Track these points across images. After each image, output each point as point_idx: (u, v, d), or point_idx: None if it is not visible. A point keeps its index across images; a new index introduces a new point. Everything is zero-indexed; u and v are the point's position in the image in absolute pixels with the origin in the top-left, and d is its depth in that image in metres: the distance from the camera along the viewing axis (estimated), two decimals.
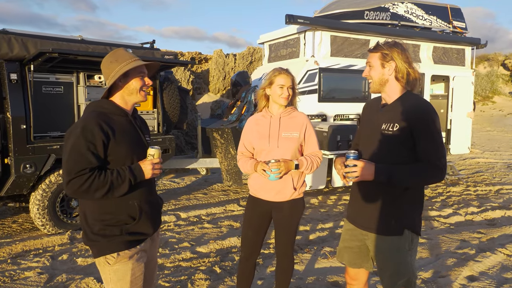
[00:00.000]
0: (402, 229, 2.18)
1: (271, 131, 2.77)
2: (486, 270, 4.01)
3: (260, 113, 2.88)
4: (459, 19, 8.79)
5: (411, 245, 2.20)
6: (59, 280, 3.86)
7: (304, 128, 2.78)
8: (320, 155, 2.81)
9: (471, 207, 6.29)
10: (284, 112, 2.80)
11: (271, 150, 2.74)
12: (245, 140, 2.89)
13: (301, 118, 2.81)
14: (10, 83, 4.84)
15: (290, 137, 2.75)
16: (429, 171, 2.10)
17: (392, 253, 2.20)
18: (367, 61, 2.31)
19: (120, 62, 2.03)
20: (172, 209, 6.41)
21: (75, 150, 1.89)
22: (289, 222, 2.80)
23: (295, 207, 2.80)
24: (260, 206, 2.84)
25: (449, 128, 8.54)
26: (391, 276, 2.21)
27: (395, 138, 2.15)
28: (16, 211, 6.21)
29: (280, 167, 2.61)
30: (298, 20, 6.77)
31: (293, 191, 2.76)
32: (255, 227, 2.86)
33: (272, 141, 2.74)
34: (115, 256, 2.03)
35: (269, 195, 2.78)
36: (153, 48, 6.25)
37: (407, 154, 2.16)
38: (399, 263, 2.19)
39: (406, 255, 2.19)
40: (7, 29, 5.05)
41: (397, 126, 2.15)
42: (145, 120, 2.38)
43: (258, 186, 2.81)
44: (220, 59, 16.74)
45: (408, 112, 2.14)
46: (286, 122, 2.78)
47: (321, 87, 7.16)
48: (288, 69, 2.81)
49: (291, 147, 2.74)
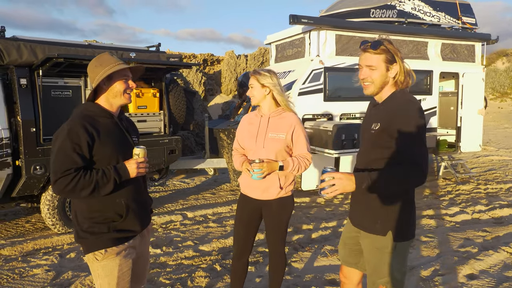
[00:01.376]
0: (386, 231, 2.16)
1: (260, 131, 2.83)
2: (487, 269, 3.99)
3: (253, 113, 2.96)
4: (469, 15, 8.67)
5: (395, 247, 2.16)
6: (65, 277, 4.00)
7: (292, 130, 2.79)
8: (309, 157, 2.82)
9: (478, 206, 6.22)
10: (274, 112, 2.84)
11: (257, 150, 2.80)
12: (239, 137, 2.99)
13: (290, 119, 2.82)
14: (20, 88, 5.01)
15: (276, 138, 2.78)
16: (410, 173, 2.00)
17: (373, 251, 2.21)
18: (365, 62, 2.16)
19: (104, 66, 2.12)
20: (180, 209, 6.52)
21: (61, 151, 1.99)
22: (277, 220, 2.85)
23: (283, 206, 2.84)
24: (249, 204, 2.90)
25: (459, 125, 8.44)
26: (370, 275, 2.24)
27: (376, 138, 2.15)
28: (29, 211, 6.42)
29: (263, 167, 2.65)
30: (302, 20, 6.81)
31: (279, 190, 2.80)
32: (245, 225, 2.93)
33: (259, 140, 2.80)
34: (103, 252, 2.12)
35: (256, 193, 2.84)
36: (158, 51, 6.37)
37: (388, 153, 2.12)
38: (379, 263, 2.19)
39: (387, 256, 2.17)
40: (17, 36, 5.24)
41: (378, 125, 2.14)
42: (133, 121, 2.48)
43: (246, 184, 2.88)
44: (231, 60, 16.85)
45: (390, 112, 2.12)
46: (274, 123, 2.82)
47: (326, 87, 7.17)
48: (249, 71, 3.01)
49: (277, 147, 2.77)
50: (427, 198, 6.97)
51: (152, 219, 5.80)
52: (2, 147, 4.94)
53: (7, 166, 4.98)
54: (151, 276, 3.96)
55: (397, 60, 2.15)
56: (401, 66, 2.16)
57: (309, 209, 6.35)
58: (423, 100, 8.03)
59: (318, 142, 6.67)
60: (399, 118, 2.07)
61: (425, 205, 6.45)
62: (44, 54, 5.01)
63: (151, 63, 5.70)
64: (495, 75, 27.12)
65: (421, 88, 8.05)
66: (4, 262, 4.42)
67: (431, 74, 8.04)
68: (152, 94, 6.16)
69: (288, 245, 4.75)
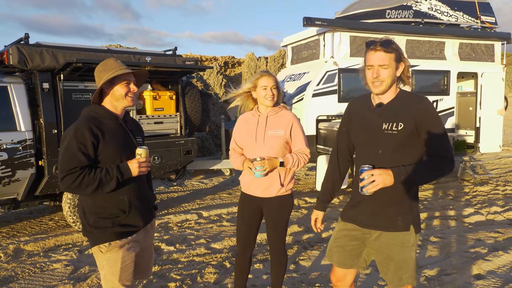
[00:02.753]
0: (409, 225, 2.23)
1: (258, 129, 2.91)
2: (495, 269, 3.97)
3: (250, 112, 3.05)
4: (488, 14, 8.55)
5: (415, 240, 2.26)
6: (82, 271, 4.21)
7: (290, 126, 2.90)
8: (307, 152, 2.93)
9: (494, 207, 6.14)
10: (272, 111, 2.94)
11: (257, 148, 2.88)
12: (236, 137, 3.07)
13: (287, 116, 2.94)
14: (42, 92, 5.28)
15: (275, 135, 2.88)
16: (441, 165, 2.14)
17: (397, 249, 2.24)
18: (378, 62, 2.16)
19: (107, 71, 2.28)
20: (196, 208, 6.69)
21: (68, 150, 2.16)
22: (277, 217, 2.94)
23: (283, 204, 2.94)
24: (250, 202, 3.00)
25: (478, 126, 8.32)
26: (397, 271, 2.25)
27: (401, 137, 2.16)
28: (53, 210, 6.71)
29: (264, 165, 2.75)
30: (316, 22, 6.89)
31: (280, 187, 2.89)
32: (247, 222, 3.03)
33: (259, 139, 2.89)
34: (107, 245, 2.28)
35: (258, 191, 2.93)
36: (175, 54, 6.56)
37: (411, 152, 2.18)
38: (403, 259, 2.23)
39: (410, 250, 2.24)
40: (40, 42, 5.51)
41: (401, 125, 2.15)
42: (138, 123, 2.63)
43: (248, 182, 2.96)
44: (252, 63, 17.00)
45: (411, 109, 2.16)
46: (272, 121, 2.92)
47: (340, 88, 7.23)
48: (269, 71, 2.98)
49: (276, 144, 2.87)
50: (443, 199, 6.92)
51: (168, 218, 6.01)
52: (26, 148, 5.22)
53: (30, 166, 5.26)
54: (162, 272, 4.12)
55: (403, 59, 2.22)
56: (406, 65, 2.23)
57: None
58: (440, 100, 7.97)
59: (332, 142, 6.71)
60: (422, 114, 2.15)
61: (439, 206, 6.41)
62: (65, 59, 5.26)
63: (166, 66, 5.88)
64: None
65: (438, 89, 7.99)
66: (27, 257, 4.68)
67: (449, 74, 7.97)
68: (168, 97, 6.35)
69: (298, 244, 4.83)
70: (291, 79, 8.10)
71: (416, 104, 2.17)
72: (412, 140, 2.17)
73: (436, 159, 2.13)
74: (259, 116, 2.96)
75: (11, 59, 5.11)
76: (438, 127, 2.15)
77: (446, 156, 2.13)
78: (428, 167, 2.13)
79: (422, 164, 2.14)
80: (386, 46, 2.16)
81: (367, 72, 2.23)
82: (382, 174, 2.08)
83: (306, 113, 7.11)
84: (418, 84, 7.72)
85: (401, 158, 2.17)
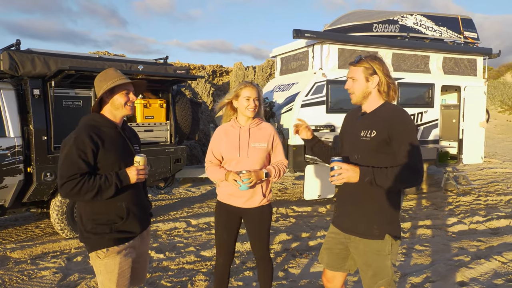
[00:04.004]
0: (383, 234, 2.33)
1: (241, 141, 2.91)
2: (478, 277, 4.10)
3: (229, 123, 3.01)
4: (471, 30, 8.84)
5: (391, 249, 2.35)
6: (71, 279, 4.20)
7: (272, 139, 2.97)
8: (286, 163, 3.02)
9: (476, 216, 6.32)
10: (253, 123, 2.95)
11: (241, 160, 2.88)
12: (214, 149, 3.00)
13: (269, 129, 2.99)
14: (33, 98, 5.27)
15: (259, 147, 2.91)
16: (408, 174, 2.22)
17: (373, 256, 2.35)
18: (349, 75, 2.43)
19: (107, 80, 2.34)
20: (184, 216, 6.71)
21: (68, 157, 2.20)
22: (261, 227, 2.98)
23: (264, 213, 2.97)
24: (230, 211, 2.98)
25: (461, 138, 8.55)
26: (372, 277, 2.38)
27: (372, 144, 2.30)
28: (39, 217, 6.65)
29: (251, 177, 2.76)
30: (305, 34, 7.03)
31: (262, 198, 2.93)
32: (228, 232, 3.00)
33: (242, 151, 2.89)
34: (105, 251, 2.32)
35: (239, 202, 2.93)
36: (166, 63, 6.63)
37: (384, 159, 2.30)
38: (379, 266, 2.35)
39: (385, 258, 2.34)
40: (31, 49, 5.52)
41: (374, 132, 2.29)
42: (135, 131, 2.69)
43: (228, 194, 2.94)
44: (240, 72, 17.13)
45: (385, 119, 2.30)
46: (255, 133, 2.94)
47: (329, 99, 7.37)
48: (253, 82, 3.01)
49: (260, 156, 2.90)
50: (427, 209, 7.08)
51: (157, 226, 6.02)
52: (14, 154, 5.20)
53: (19, 173, 5.23)
54: (153, 279, 4.14)
55: (378, 73, 2.35)
56: (382, 78, 2.36)
57: (310, 218, 6.50)
58: (424, 112, 8.18)
59: None
60: (396, 125, 2.26)
61: (424, 215, 6.56)
62: (56, 66, 5.27)
63: (157, 75, 5.94)
64: (504, 88, 27.08)
65: (423, 101, 8.20)
66: (14, 264, 4.64)
67: (433, 87, 8.19)
68: (159, 105, 6.39)
69: (287, 252, 4.90)
70: (280, 89, 8.22)
71: (392, 115, 2.31)
72: (384, 148, 2.29)
73: (405, 169, 2.21)
74: (240, 128, 2.95)
75: (1, 65, 5.11)
76: (410, 139, 2.25)
77: (415, 167, 2.22)
78: (396, 175, 2.21)
79: (390, 170, 2.22)
80: (356, 62, 2.40)
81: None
82: (349, 170, 2.22)
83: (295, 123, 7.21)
84: (404, 96, 7.91)
85: (376, 164, 2.28)
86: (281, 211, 6.90)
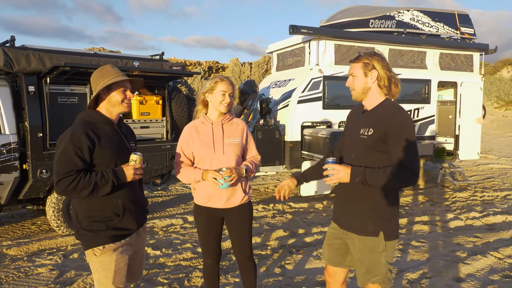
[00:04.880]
0: (378, 231, 2.32)
1: (215, 137, 2.80)
2: (474, 272, 4.12)
3: (199, 120, 2.88)
4: (467, 25, 8.85)
5: (385, 246, 2.34)
6: (68, 276, 4.19)
7: (246, 134, 2.92)
8: (259, 159, 2.98)
9: (473, 212, 6.34)
10: (225, 119, 2.85)
11: (217, 157, 2.77)
12: (185, 148, 2.84)
13: (241, 124, 2.93)
14: (28, 95, 5.24)
15: (234, 142, 2.83)
16: (401, 173, 2.20)
17: (367, 253, 2.35)
18: (349, 72, 2.43)
19: (104, 77, 2.32)
20: (181, 213, 6.71)
21: (64, 154, 2.18)
22: (241, 226, 2.90)
23: (245, 211, 2.91)
24: (211, 214, 2.87)
25: (458, 134, 8.57)
26: (365, 274, 2.38)
27: (369, 142, 2.29)
28: (35, 214, 6.63)
29: (233, 174, 2.65)
30: (302, 30, 7.02)
31: (243, 195, 2.86)
32: (212, 235, 2.92)
33: (217, 148, 2.78)
34: (101, 248, 2.31)
35: (220, 203, 2.81)
36: (162, 60, 6.59)
37: (379, 157, 2.29)
38: (372, 263, 2.34)
39: (379, 256, 2.33)
40: (26, 45, 5.47)
41: (371, 131, 2.29)
42: (131, 129, 2.67)
43: (208, 195, 2.80)
44: (236, 68, 17.09)
45: (382, 117, 2.29)
46: (228, 129, 2.85)
47: (325, 95, 7.37)
48: (229, 77, 2.92)
49: (235, 152, 2.82)
50: (424, 204, 7.10)
51: (154, 222, 6.01)
52: (10, 151, 5.16)
53: (14, 170, 5.20)
54: (150, 276, 4.13)
55: (376, 67, 2.34)
56: (380, 72, 2.35)
57: (306, 214, 6.51)
58: (421, 108, 8.19)
59: (316, 148, 6.85)
60: (393, 123, 2.25)
61: (420, 211, 6.58)
62: (51, 62, 5.23)
63: (153, 71, 5.90)
64: (500, 84, 27.16)
65: (419, 97, 8.21)
66: (10, 261, 4.62)
67: (429, 83, 8.20)
68: (155, 101, 6.36)
69: (283, 248, 4.90)
70: (277, 85, 8.21)
71: (390, 113, 2.30)
72: (380, 146, 2.28)
73: (399, 168, 2.20)
74: (213, 125, 2.82)
75: None
76: (406, 138, 2.23)
77: (409, 167, 2.21)
78: (389, 174, 2.20)
79: (384, 170, 2.22)
80: (354, 59, 2.42)
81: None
82: (340, 170, 2.26)
83: (291, 119, 7.22)
84: (400, 92, 7.89)
85: (372, 163, 2.28)
86: (278, 207, 6.90)
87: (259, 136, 7.15)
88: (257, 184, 9.20)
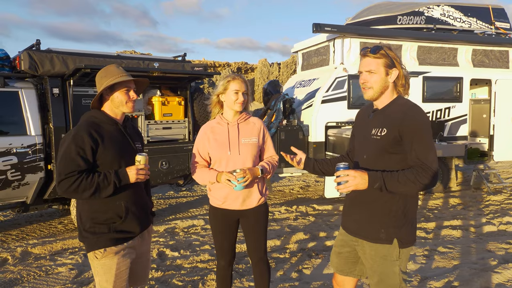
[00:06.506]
0: (392, 239, 2.16)
1: (231, 138, 2.74)
2: (505, 282, 3.86)
3: (215, 120, 2.84)
4: (503, 20, 8.42)
5: (399, 255, 2.18)
6: (85, 276, 4.23)
7: (262, 133, 2.83)
8: (277, 159, 2.87)
9: (507, 217, 5.99)
10: (241, 118, 2.79)
11: (233, 158, 2.72)
12: (201, 149, 2.80)
13: (258, 123, 2.84)
14: (52, 97, 5.37)
15: (249, 142, 2.76)
16: (422, 176, 2.04)
17: (379, 261, 2.20)
18: (366, 67, 2.19)
19: (108, 77, 2.29)
20: (203, 214, 6.69)
21: (66, 154, 2.17)
22: (259, 228, 2.84)
23: (261, 213, 2.84)
24: (227, 216, 2.82)
25: (492, 133, 8.16)
26: (377, 284, 2.23)
27: (383, 143, 2.13)
28: (63, 213, 6.79)
29: (247, 175, 2.59)
30: (325, 29, 6.87)
31: (260, 197, 2.79)
32: (227, 237, 2.87)
33: (233, 148, 2.72)
34: (102, 251, 2.28)
35: (236, 204, 2.76)
36: (184, 60, 6.60)
37: (393, 159, 2.13)
38: (385, 271, 2.19)
39: (393, 264, 2.17)
40: (51, 48, 5.61)
41: (385, 130, 2.13)
42: (138, 129, 2.64)
43: (223, 196, 2.76)
44: (264, 68, 17.04)
45: (397, 117, 2.12)
46: (244, 128, 2.79)
47: (350, 94, 7.18)
48: (242, 75, 2.82)
49: (252, 152, 2.75)
50: (454, 208, 6.79)
51: (175, 223, 6.02)
52: (36, 152, 5.30)
53: (40, 170, 5.34)
54: (165, 278, 4.12)
55: (397, 65, 2.17)
56: (401, 71, 2.18)
57: (330, 217, 6.35)
58: (452, 107, 7.85)
59: (341, 149, 6.68)
60: (408, 122, 2.08)
61: (450, 215, 6.29)
62: (74, 65, 5.33)
63: (173, 72, 5.91)
64: None
65: (450, 95, 7.88)
66: (33, 260, 4.73)
67: (461, 81, 7.85)
68: (177, 102, 6.38)
69: (302, 252, 4.79)
70: (301, 85, 8.08)
71: (404, 111, 2.12)
72: (395, 147, 2.11)
73: (417, 170, 2.04)
74: (228, 124, 2.77)
75: (22, 65, 5.21)
76: (423, 137, 2.06)
77: (428, 167, 2.04)
78: (407, 177, 2.04)
79: (401, 174, 2.05)
80: (374, 51, 2.15)
81: (360, 78, 2.25)
82: (356, 177, 2.03)
83: (315, 120, 7.08)
84: (430, 90, 7.62)
85: (384, 165, 2.13)
86: (301, 209, 6.77)
87: (282, 137, 7.04)
88: (282, 185, 9.09)
